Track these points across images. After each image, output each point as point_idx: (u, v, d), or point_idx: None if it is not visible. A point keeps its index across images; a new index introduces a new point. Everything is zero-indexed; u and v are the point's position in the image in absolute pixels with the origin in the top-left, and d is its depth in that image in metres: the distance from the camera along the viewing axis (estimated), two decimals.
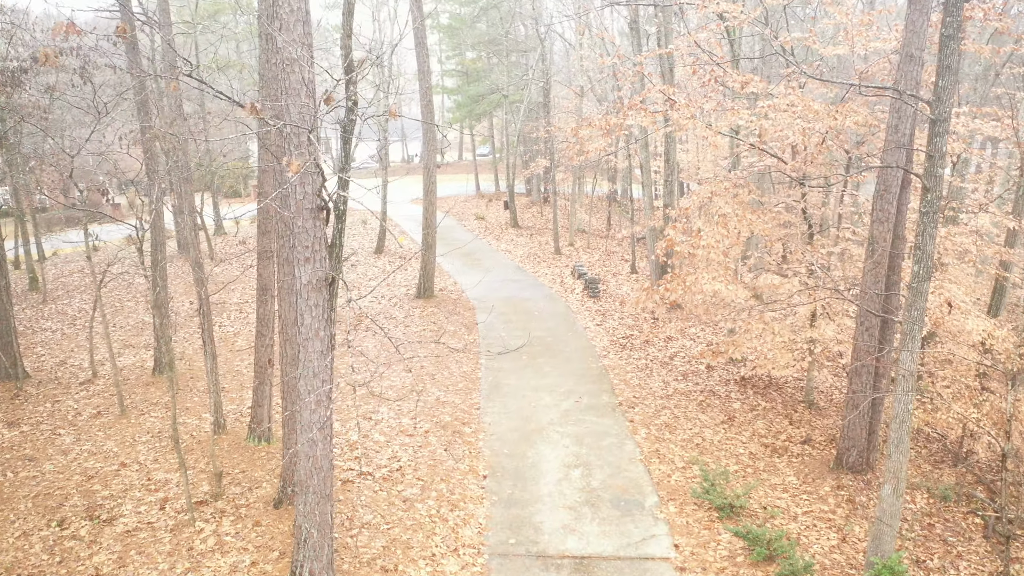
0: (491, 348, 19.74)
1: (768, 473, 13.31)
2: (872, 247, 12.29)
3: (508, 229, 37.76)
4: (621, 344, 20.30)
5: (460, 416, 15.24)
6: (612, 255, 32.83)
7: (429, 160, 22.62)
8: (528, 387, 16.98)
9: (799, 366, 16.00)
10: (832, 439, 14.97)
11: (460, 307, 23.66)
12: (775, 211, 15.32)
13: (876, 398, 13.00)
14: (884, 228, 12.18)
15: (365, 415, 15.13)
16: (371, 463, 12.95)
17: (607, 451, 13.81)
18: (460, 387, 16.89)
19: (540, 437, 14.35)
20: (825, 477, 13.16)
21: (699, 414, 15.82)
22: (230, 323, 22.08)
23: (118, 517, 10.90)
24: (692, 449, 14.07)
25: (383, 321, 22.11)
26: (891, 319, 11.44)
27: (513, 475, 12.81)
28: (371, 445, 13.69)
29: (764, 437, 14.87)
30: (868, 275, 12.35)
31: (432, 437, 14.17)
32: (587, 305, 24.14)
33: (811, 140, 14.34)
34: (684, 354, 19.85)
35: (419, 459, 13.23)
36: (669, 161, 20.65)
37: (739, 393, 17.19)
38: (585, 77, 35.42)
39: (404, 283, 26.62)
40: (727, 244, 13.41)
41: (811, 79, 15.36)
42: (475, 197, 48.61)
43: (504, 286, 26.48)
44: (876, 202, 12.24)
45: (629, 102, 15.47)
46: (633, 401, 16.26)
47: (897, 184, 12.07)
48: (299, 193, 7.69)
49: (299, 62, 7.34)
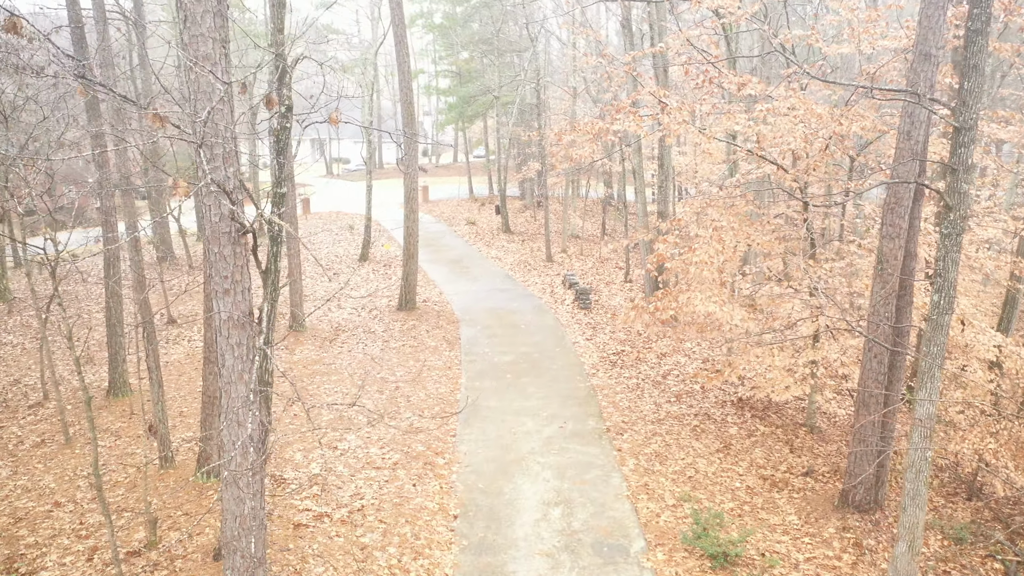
0: (473, 363, 18.59)
1: (767, 512, 12.15)
2: (881, 266, 11.13)
3: (499, 235, 36.61)
4: (611, 361, 19.15)
5: (434, 445, 14.09)
6: (606, 262, 31.68)
7: (410, 164, 21.49)
8: (510, 410, 15.83)
9: (800, 389, 14.85)
10: (836, 470, 13.82)
11: (443, 320, 22.50)
12: (775, 222, 14.18)
13: (885, 428, 11.85)
14: (895, 245, 11.03)
15: (331, 443, 13.98)
16: (331, 501, 11.80)
17: (591, 486, 12.66)
18: (436, 410, 15.74)
19: (519, 469, 13.20)
20: (829, 516, 12.00)
21: (693, 441, 14.67)
22: (200, 338, 20.91)
23: (39, 571, 9.74)
24: (684, 483, 12.91)
25: (362, 335, 20.96)
26: (902, 352, 10.27)
27: (487, 515, 11.66)
28: (333, 480, 12.53)
29: (763, 468, 13.72)
30: (877, 297, 11.19)
31: (401, 470, 13.01)
32: (577, 317, 22.99)
33: (813, 147, 13.19)
34: (678, 372, 18.70)
35: (384, 496, 12.07)
36: (663, 166, 19.51)
37: (736, 416, 16.05)
38: (580, 77, 34.28)
39: (388, 293, 25.48)
40: (722, 260, 12.26)
41: (814, 80, 14.23)
42: (468, 201, 47.47)
43: (491, 296, 25.34)
44: (886, 216, 11.09)
45: (618, 105, 14.33)
46: (622, 427, 15.11)
47: (909, 197, 10.93)
48: (214, 214, 6.54)
49: (211, 59, 6.19)
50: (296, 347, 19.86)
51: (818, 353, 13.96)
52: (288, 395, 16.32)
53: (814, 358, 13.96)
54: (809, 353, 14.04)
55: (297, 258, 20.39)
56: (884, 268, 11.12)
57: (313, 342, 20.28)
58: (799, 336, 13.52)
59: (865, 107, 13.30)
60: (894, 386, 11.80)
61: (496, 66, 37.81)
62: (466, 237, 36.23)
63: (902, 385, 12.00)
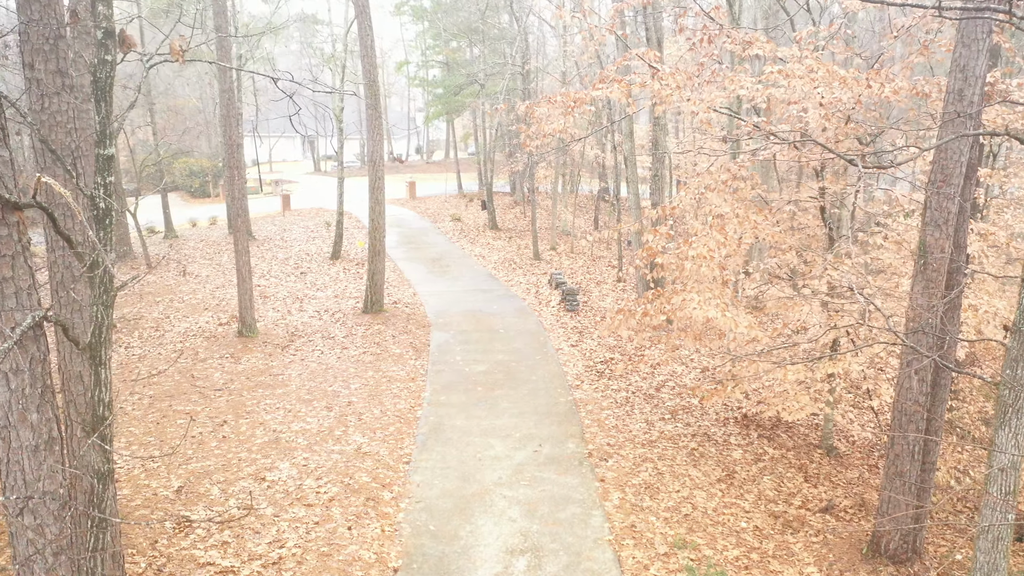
0: (441, 374, 16.36)
1: (780, 561, 9.93)
2: (924, 260, 8.91)
3: (485, 231, 34.38)
4: (598, 371, 16.91)
5: (381, 474, 11.85)
6: (598, 260, 29.46)
7: (374, 151, 19.26)
8: (477, 430, 13.60)
9: (816, 407, 12.63)
10: (862, 504, 11.60)
11: (413, 324, 20.26)
12: (786, 211, 11.97)
13: (927, 458, 9.63)
14: (941, 234, 8.81)
15: (258, 473, 11.75)
16: (243, 551, 9.56)
17: (567, 527, 10.43)
18: (391, 431, 13.50)
19: (481, 505, 10.97)
20: (857, 569, 9.77)
21: (690, 468, 12.45)
22: (139, 344, 18.69)
23: None
24: (679, 523, 10.68)
25: (319, 341, 18.72)
26: (951, 369, 8.06)
27: (435, 567, 9.43)
28: (251, 523, 10.29)
29: (773, 502, 11.50)
30: (918, 299, 8.97)
31: (337, 508, 10.78)
32: (563, 321, 20.76)
33: (833, 119, 10.96)
34: (674, 383, 16.47)
35: (311, 543, 9.84)
36: (658, 147, 17.26)
37: (740, 436, 13.83)
38: (571, 62, 32.06)
39: (356, 293, 23.23)
40: (724, 254, 10.04)
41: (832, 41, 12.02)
42: (456, 197, 45.23)
43: (470, 298, 23.10)
44: (931, 198, 8.88)
45: (601, 74, 12.11)
46: (607, 451, 12.88)
47: (960, 172, 8.71)
48: None
49: None
50: (243, 355, 17.62)
51: (838, 366, 11.73)
52: (219, 415, 14.11)
53: (833, 371, 11.74)
54: (827, 366, 11.81)
55: (246, 255, 18.16)
56: (928, 263, 8.90)
57: (263, 349, 18.04)
58: (817, 347, 11.31)
59: (899, 69, 11.08)
60: (937, 408, 9.59)
61: (484, 54, 35.58)
62: (450, 234, 34.00)
63: (945, 407, 9.78)
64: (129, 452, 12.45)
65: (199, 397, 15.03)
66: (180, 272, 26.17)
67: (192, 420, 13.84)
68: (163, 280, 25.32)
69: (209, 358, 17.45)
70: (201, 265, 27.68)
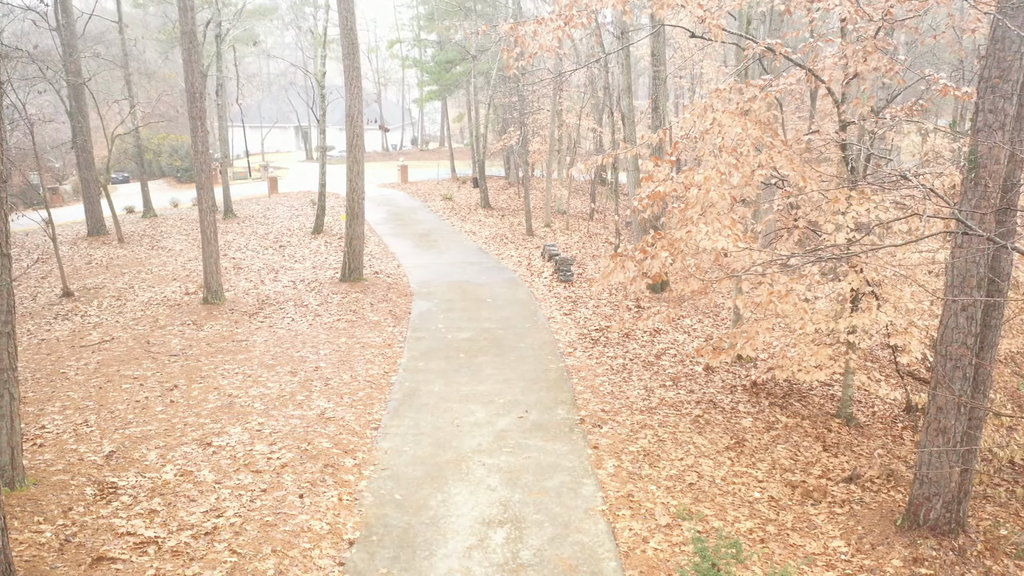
0: (421, 341, 14.94)
1: (801, 534, 8.53)
2: (975, 171, 7.51)
3: (477, 210, 32.95)
4: (593, 339, 15.51)
5: (345, 440, 10.44)
6: (595, 237, 28.04)
7: (352, 107, 17.82)
8: (456, 396, 12.20)
9: (836, 367, 11.23)
10: (890, 474, 10.20)
11: (394, 293, 18.83)
12: (804, 141, 10.57)
13: (973, 416, 8.24)
14: (996, 139, 7.40)
15: (205, 438, 10.33)
16: (172, 521, 8.14)
17: (553, 497, 9.03)
18: (360, 396, 12.09)
19: (456, 473, 9.57)
20: (892, 541, 8.37)
21: (694, 436, 11.05)
22: (96, 312, 17.25)
23: None
24: (683, 492, 9.29)
25: (291, 309, 17.29)
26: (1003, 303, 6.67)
27: (398, 540, 8.02)
28: (187, 489, 8.88)
29: (790, 471, 10.10)
30: (968, 205, 7.56)
31: (288, 475, 9.36)
32: (556, 291, 19.35)
33: (866, 31, 9.56)
34: (675, 351, 15.07)
35: (253, 512, 8.42)
36: (655, 55, 15.47)
37: (750, 404, 12.43)
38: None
39: (336, 264, 21.80)
40: (738, 179, 8.62)
41: None
42: (449, 180, 43.82)
43: (458, 269, 21.68)
44: (983, 99, 7.47)
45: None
46: (601, 417, 11.48)
47: (1020, 66, 7.30)
48: None
49: None
50: (206, 322, 16.19)
51: (861, 318, 10.33)
52: (170, 380, 12.70)
53: (855, 323, 10.34)
54: (847, 318, 10.41)
55: (211, 215, 16.75)
56: (979, 177, 7.49)
57: (230, 317, 16.60)
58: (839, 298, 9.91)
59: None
60: (986, 353, 8.20)
61: (476, 24, 34.15)
62: (440, 212, 32.57)
63: (995, 353, 8.39)
64: (62, 417, 11.03)
65: (151, 363, 13.61)
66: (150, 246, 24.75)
67: (140, 385, 12.43)
68: (134, 253, 23.88)
69: (169, 325, 16.03)
70: (175, 240, 26.25)
